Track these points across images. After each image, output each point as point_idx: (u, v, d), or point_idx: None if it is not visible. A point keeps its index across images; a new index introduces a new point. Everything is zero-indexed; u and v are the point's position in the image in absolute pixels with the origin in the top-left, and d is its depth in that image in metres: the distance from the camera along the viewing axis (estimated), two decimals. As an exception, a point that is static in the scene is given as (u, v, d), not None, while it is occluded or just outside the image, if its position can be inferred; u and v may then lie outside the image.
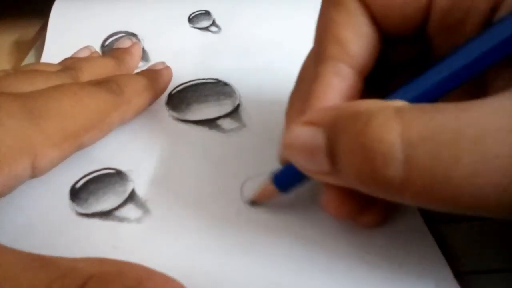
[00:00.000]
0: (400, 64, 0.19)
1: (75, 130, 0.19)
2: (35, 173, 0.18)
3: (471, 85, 0.15)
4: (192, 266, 0.17)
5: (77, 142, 0.20)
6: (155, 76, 0.25)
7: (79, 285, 0.13)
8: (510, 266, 0.17)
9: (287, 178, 0.18)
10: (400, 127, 0.13)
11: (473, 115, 0.12)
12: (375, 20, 0.17)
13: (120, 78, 0.23)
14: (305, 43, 0.29)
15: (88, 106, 0.20)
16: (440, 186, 0.13)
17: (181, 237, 0.18)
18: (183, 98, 0.25)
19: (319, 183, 0.17)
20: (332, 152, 0.15)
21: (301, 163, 0.16)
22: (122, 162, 0.21)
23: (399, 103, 0.14)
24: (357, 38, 0.17)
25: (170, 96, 0.25)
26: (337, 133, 0.14)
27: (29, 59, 0.30)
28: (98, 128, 0.20)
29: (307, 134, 0.15)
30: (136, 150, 0.22)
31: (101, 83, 0.21)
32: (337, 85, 0.17)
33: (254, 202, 0.19)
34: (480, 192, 0.12)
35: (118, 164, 0.21)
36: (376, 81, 0.18)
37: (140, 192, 0.20)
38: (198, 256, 0.18)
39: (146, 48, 0.29)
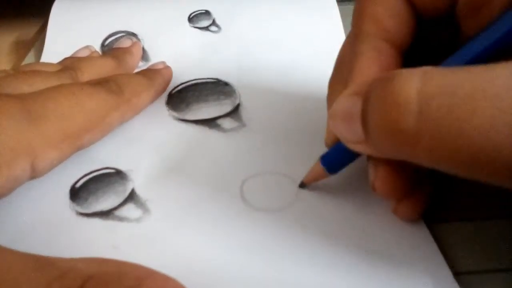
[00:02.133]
0: (437, 46, 0.19)
1: (75, 130, 0.19)
2: (35, 174, 0.18)
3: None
4: (192, 266, 0.17)
5: (77, 143, 0.20)
6: (155, 76, 0.25)
7: (79, 286, 0.13)
8: (510, 266, 0.17)
9: (334, 158, 0.19)
10: (420, 81, 0.13)
11: (496, 73, 0.12)
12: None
13: (120, 77, 0.23)
14: (305, 43, 0.29)
15: (87, 106, 0.20)
16: (452, 139, 0.13)
17: (180, 237, 0.18)
18: (183, 97, 0.25)
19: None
20: (364, 116, 0.15)
21: (342, 132, 0.16)
22: (122, 162, 0.21)
23: (427, 67, 0.14)
24: (393, 15, 0.18)
25: (170, 95, 0.25)
26: (368, 96, 0.15)
27: (29, 59, 0.30)
28: (98, 129, 0.20)
29: (347, 102, 0.16)
30: (136, 150, 0.22)
31: (101, 83, 0.21)
32: (377, 60, 0.17)
33: (304, 184, 0.20)
34: (494, 148, 0.12)
35: (118, 163, 0.21)
36: (413, 64, 0.19)
37: (140, 191, 0.20)
38: (198, 256, 0.18)
39: (146, 48, 0.29)
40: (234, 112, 0.24)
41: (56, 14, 0.31)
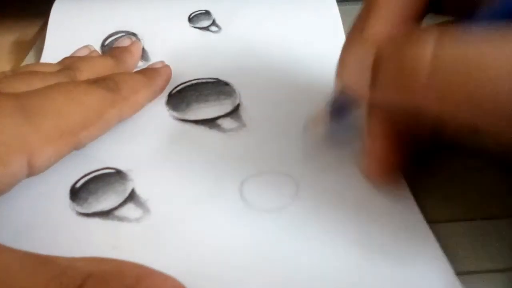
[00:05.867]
0: None
1: (71, 127, 0.19)
2: (32, 171, 0.18)
3: None
4: (191, 266, 0.17)
5: (74, 140, 0.19)
6: (153, 74, 0.25)
7: (78, 284, 0.13)
8: (510, 266, 0.18)
9: (339, 104, 0.19)
10: (434, 45, 0.14)
11: None
12: None
13: (117, 75, 0.23)
14: (305, 43, 0.29)
15: (83, 103, 0.20)
16: (462, 85, 0.13)
17: (180, 236, 0.18)
18: (183, 97, 0.25)
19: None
20: (375, 66, 0.16)
21: (350, 78, 0.17)
22: (122, 162, 0.21)
23: (444, 28, 0.15)
24: None
25: (170, 95, 0.25)
26: (384, 48, 0.16)
27: (29, 59, 0.30)
28: (95, 126, 0.20)
29: (360, 50, 0.17)
30: (136, 150, 0.22)
31: (98, 81, 0.21)
32: (395, 6, 0.17)
33: (309, 128, 0.21)
34: (505, 94, 0.13)
35: (118, 163, 0.21)
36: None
37: (140, 191, 0.20)
38: (197, 255, 0.18)
39: (146, 48, 0.29)
40: (234, 112, 0.24)
41: (56, 14, 0.31)
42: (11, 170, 0.17)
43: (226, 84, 0.26)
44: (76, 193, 0.20)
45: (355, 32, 0.20)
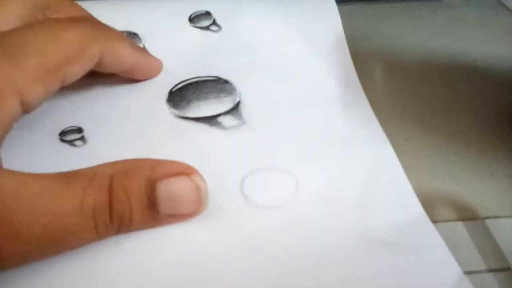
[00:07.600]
0: None
1: (55, 64, 0.19)
2: (26, 109, 0.19)
3: None
4: (193, 262, 0.17)
5: (59, 76, 0.20)
6: (142, 50, 0.25)
7: (108, 184, 0.16)
8: (509, 266, 0.18)
9: None
10: None
11: None
12: None
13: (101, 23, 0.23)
14: (304, 43, 0.29)
15: (65, 39, 0.20)
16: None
17: (182, 232, 0.18)
18: (183, 95, 0.25)
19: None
20: None
21: None
22: (124, 159, 0.21)
23: None
24: None
25: (171, 93, 0.25)
26: None
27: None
28: (79, 61, 0.20)
29: None
30: (137, 148, 0.22)
31: (80, 19, 0.21)
32: None
33: None
34: None
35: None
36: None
37: (141, 188, 0.20)
38: (198, 252, 0.18)
39: (147, 47, 0.29)
40: (235, 109, 0.24)
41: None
42: (7, 112, 0.18)
43: (226, 82, 0.26)
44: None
45: None
